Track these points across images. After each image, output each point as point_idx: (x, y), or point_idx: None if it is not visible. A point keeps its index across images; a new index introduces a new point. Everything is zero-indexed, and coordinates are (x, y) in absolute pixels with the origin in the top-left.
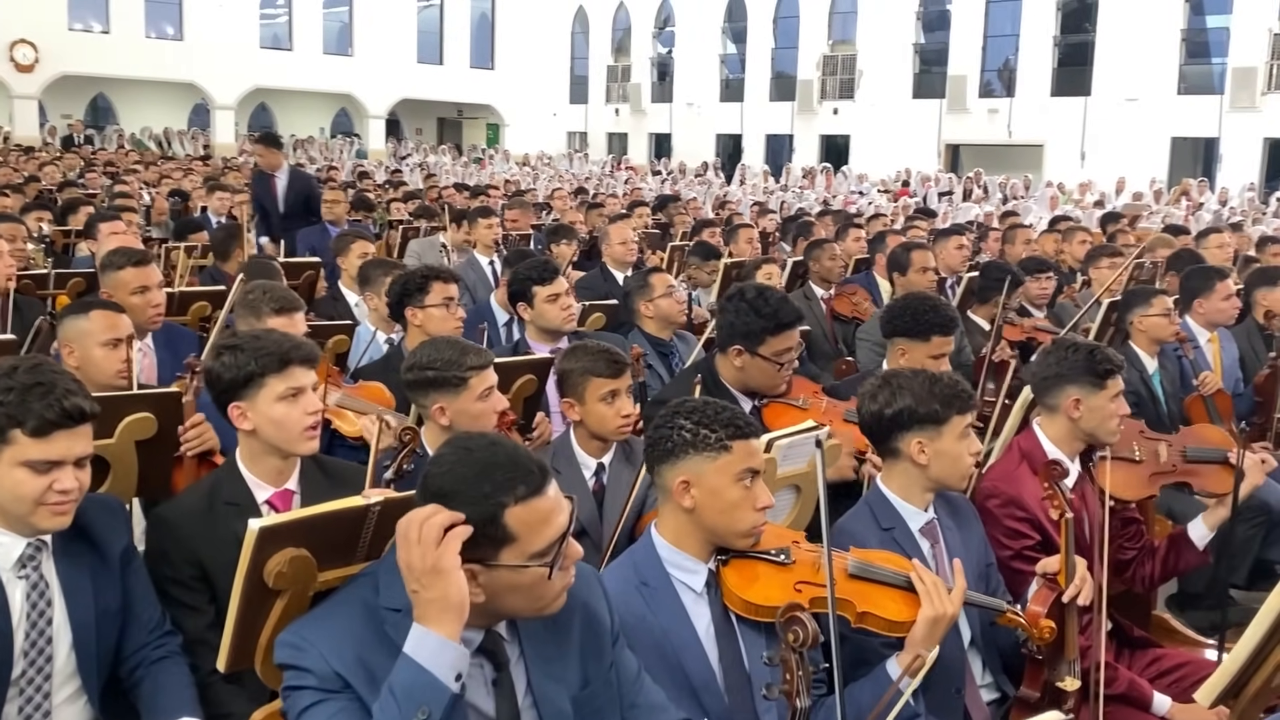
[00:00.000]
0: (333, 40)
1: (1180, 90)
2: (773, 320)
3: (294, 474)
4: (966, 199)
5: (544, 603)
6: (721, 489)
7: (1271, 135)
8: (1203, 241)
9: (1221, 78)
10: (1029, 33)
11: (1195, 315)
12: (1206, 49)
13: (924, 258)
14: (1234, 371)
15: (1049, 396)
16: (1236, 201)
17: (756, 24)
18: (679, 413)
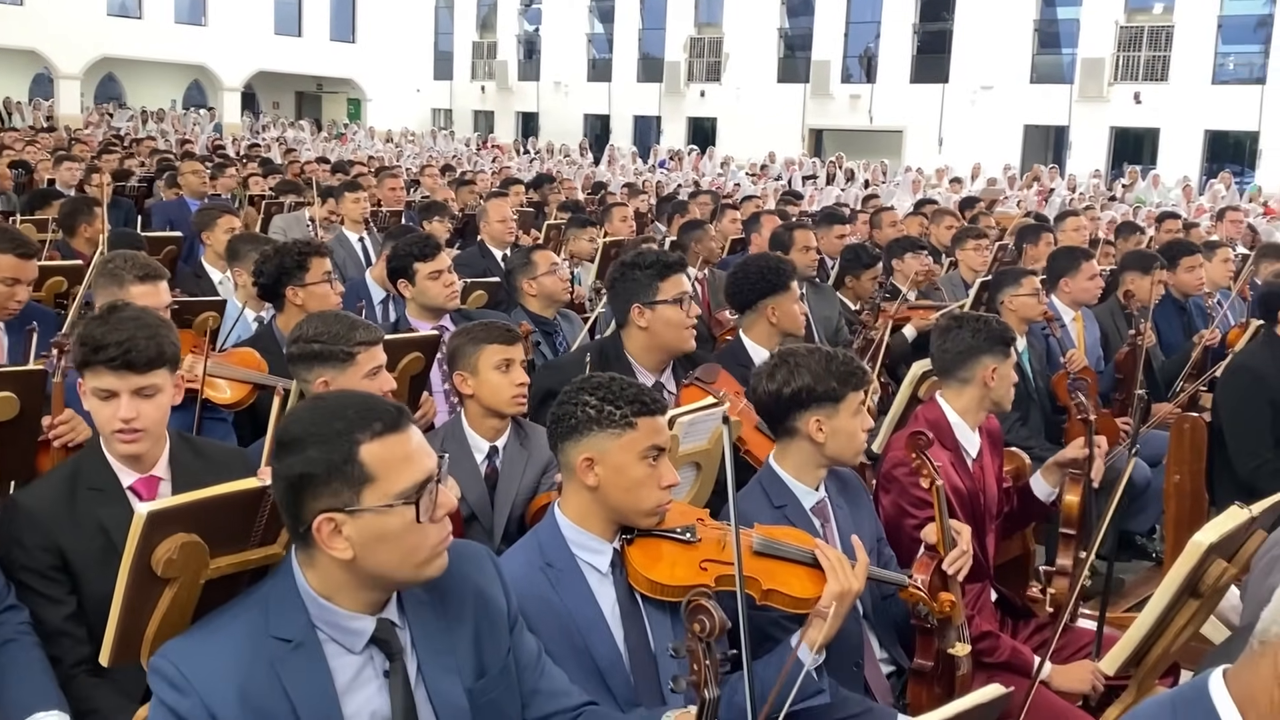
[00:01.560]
0: (185, 9)
1: (1033, 79)
2: (657, 266)
3: (163, 457)
4: (829, 183)
5: (420, 557)
6: (626, 467)
7: (1118, 124)
8: (1061, 224)
9: (1071, 68)
10: (889, 21)
11: (1061, 295)
12: (1057, 40)
13: (806, 237)
14: (1096, 350)
15: (962, 370)
16: (1084, 187)
17: (624, 4)
18: (584, 389)
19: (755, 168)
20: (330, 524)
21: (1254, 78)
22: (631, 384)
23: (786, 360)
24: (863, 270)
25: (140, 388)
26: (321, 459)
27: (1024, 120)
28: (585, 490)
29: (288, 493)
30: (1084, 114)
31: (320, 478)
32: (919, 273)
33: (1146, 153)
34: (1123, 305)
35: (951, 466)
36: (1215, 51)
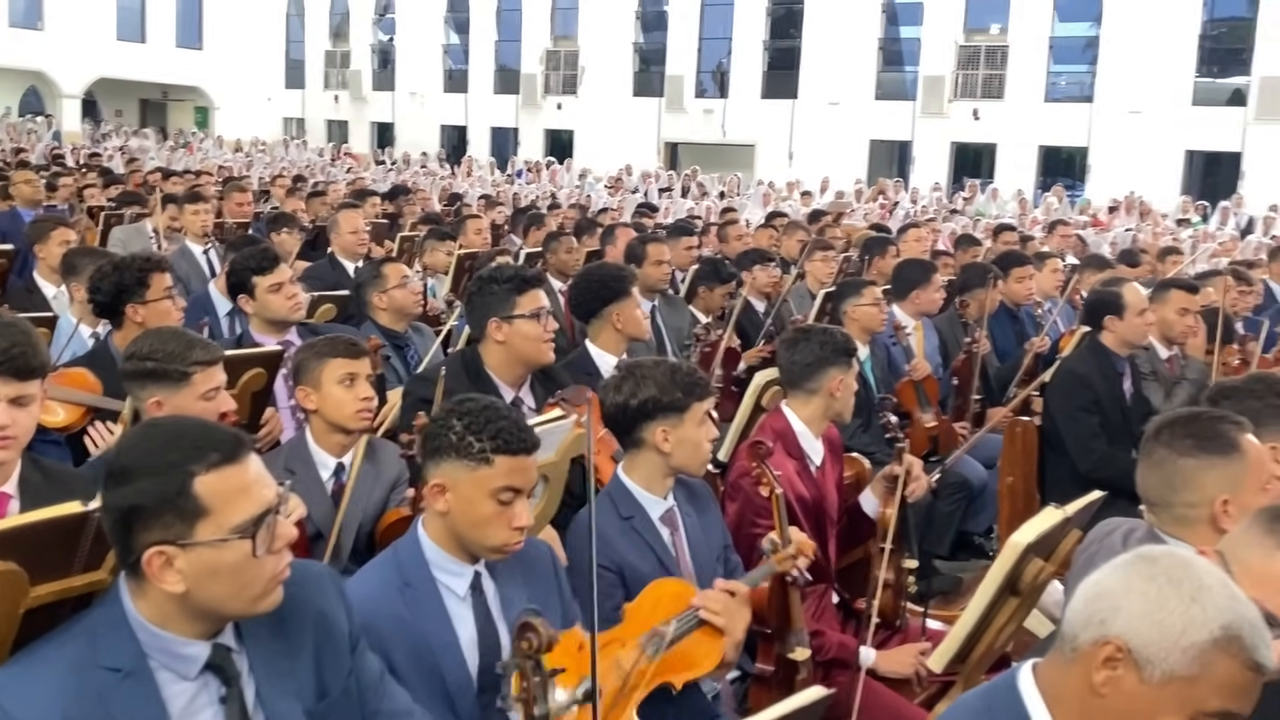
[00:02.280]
0: (20, 12)
1: (878, 95)
2: (515, 280)
3: (12, 478)
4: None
5: (254, 591)
6: (475, 501)
7: (958, 139)
8: (903, 236)
9: (914, 85)
10: (740, 37)
11: (908, 305)
12: (900, 58)
13: (659, 251)
14: (935, 357)
15: (810, 381)
16: (927, 200)
17: (479, 15)
18: (455, 412)
19: (612, 180)
20: (161, 557)
21: (1083, 96)
22: (505, 417)
23: (633, 372)
24: (717, 284)
25: (18, 396)
26: (153, 491)
27: (870, 135)
28: (437, 514)
29: (117, 524)
30: (926, 129)
31: (151, 510)
32: (766, 284)
33: (985, 167)
34: (960, 314)
35: (795, 475)
36: (1047, 71)
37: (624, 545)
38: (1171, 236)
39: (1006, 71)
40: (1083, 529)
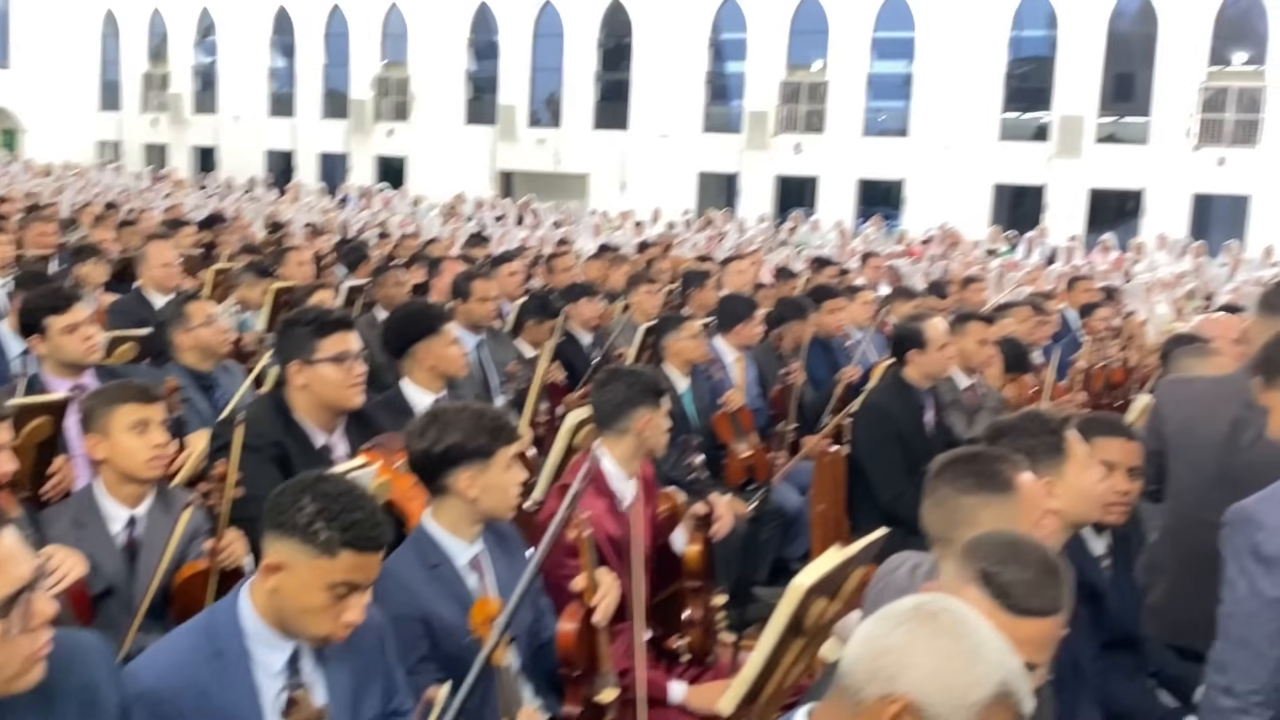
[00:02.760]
0: None
1: (706, 128)
2: (318, 323)
3: None
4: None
5: (9, 672)
6: (309, 589)
7: (782, 172)
8: (726, 268)
9: (740, 118)
10: (571, 68)
11: (732, 337)
12: (726, 92)
13: (485, 288)
14: (754, 388)
15: (619, 421)
16: (754, 231)
17: (305, 38)
18: (310, 490)
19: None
20: None
21: (899, 130)
22: (361, 508)
23: (437, 418)
24: (544, 318)
25: None
26: None
27: (699, 167)
28: (265, 588)
29: None
30: (752, 162)
31: None
32: (592, 317)
33: (808, 198)
34: (775, 346)
35: (605, 514)
36: (865, 106)
37: (429, 594)
38: (981, 265)
39: (827, 107)
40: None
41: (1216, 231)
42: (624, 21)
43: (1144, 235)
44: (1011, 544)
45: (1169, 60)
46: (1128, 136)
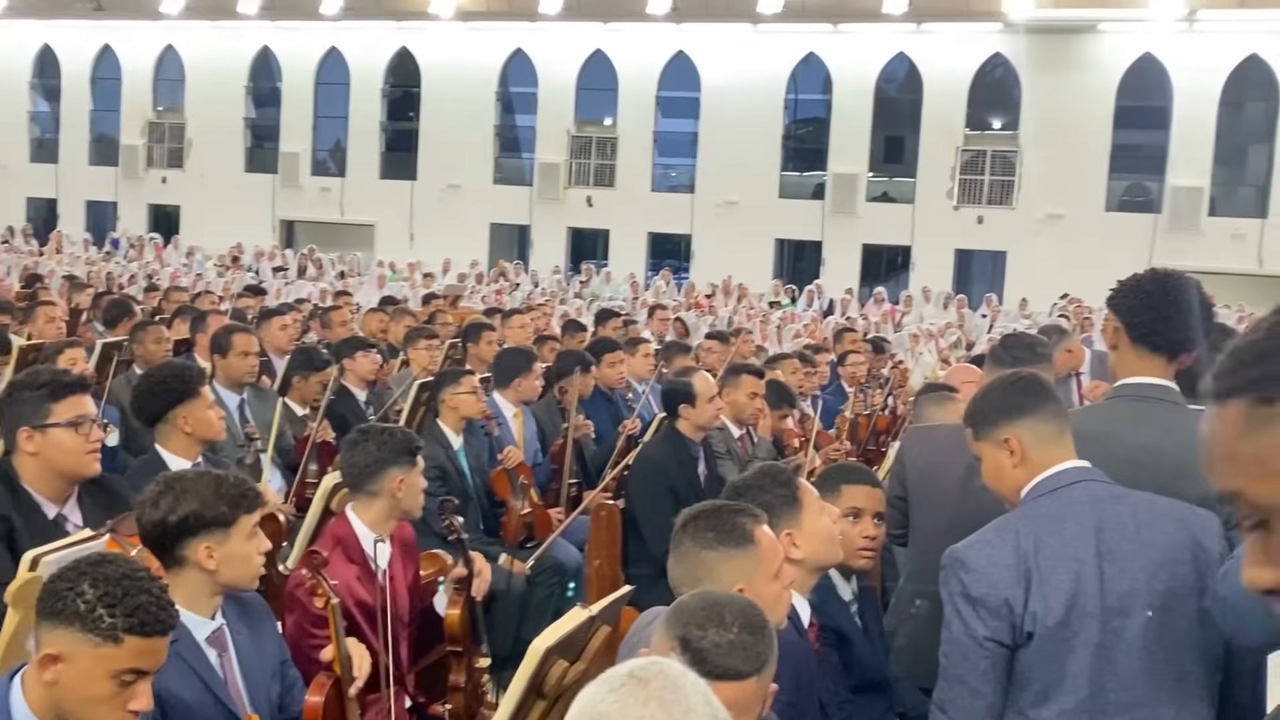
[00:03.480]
0: None
1: (496, 180)
2: (51, 385)
3: None
4: (301, 275)
5: None
6: (92, 680)
7: (574, 224)
8: (508, 322)
9: (531, 171)
10: (357, 117)
11: (509, 392)
12: (517, 144)
13: (246, 342)
14: (534, 443)
15: (371, 483)
16: (547, 283)
17: (71, 82)
18: (87, 574)
19: (225, 258)
20: None
21: (687, 186)
22: (146, 591)
23: (172, 486)
24: (311, 373)
25: None
26: None
27: (490, 219)
28: (45, 683)
29: None
30: (544, 214)
31: None
32: (369, 372)
33: (600, 250)
34: (558, 400)
35: (357, 580)
36: (653, 162)
37: (166, 672)
38: (763, 317)
39: (617, 162)
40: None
41: (977, 285)
42: (412, 71)
43: (912, 288)
44: (713, 606)
45: (932, 124)
46: (897, 195)
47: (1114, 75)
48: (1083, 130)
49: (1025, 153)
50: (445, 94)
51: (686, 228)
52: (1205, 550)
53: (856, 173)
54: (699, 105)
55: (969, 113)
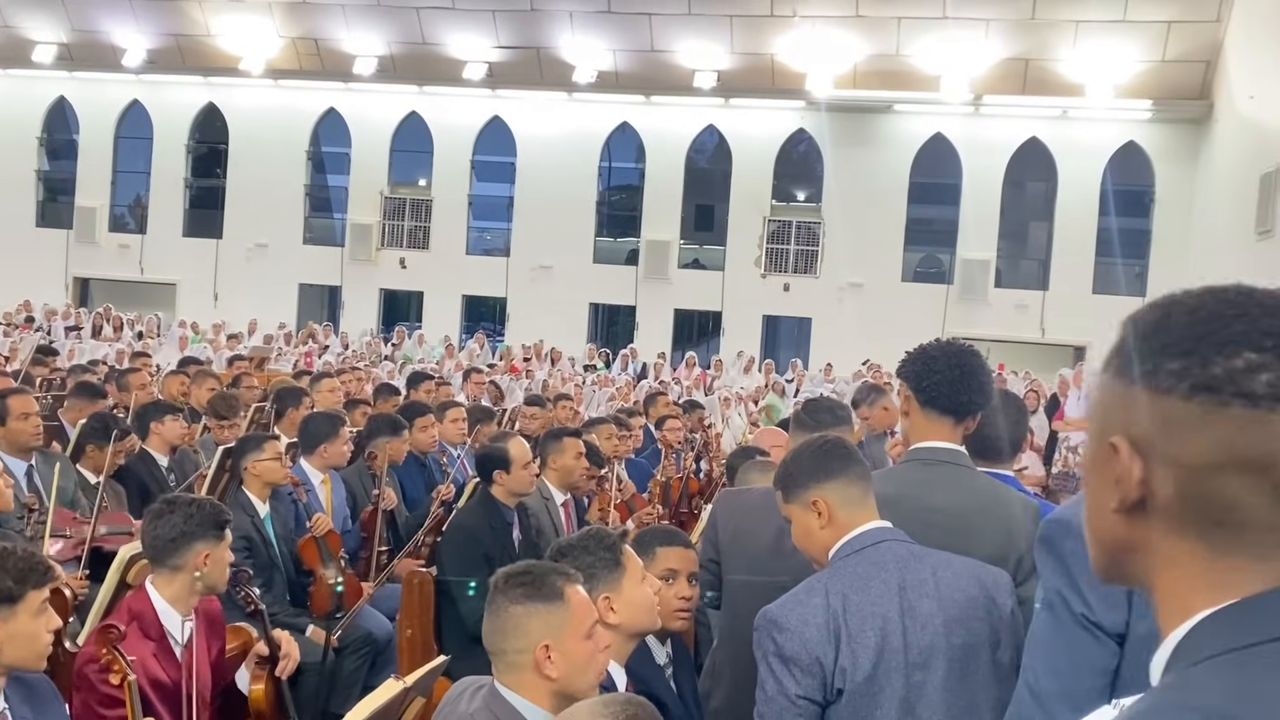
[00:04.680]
0: None
1: (306, 240)
2: None
3: None
4: (96, 335)
5: None
6: None
7: (386, 286)
8: (317, 386)
9: (343, 231)
10: (160, 172)
11: (315, 459)
12: (329, 205)
13: (25, 404)
14: (344, 510)
15: (174, 556)
16: (358, 345)
17: None
18: None
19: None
20: None
21: (502, 250)
22: None
23: None
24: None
25: None
26: None
27: (299, 279)
28: None
29: None
30: (355, 275)
31: None
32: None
33: (414, 312)
34: (368, 465)
35: (154, 657)
36: (469, 225)
37: None
38: (577, 381)
39: (432, 224)
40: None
41: (784, 350)
42: (219, 127)
43: (723, 353)
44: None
45: (741, 195)
46: (708, 262)
47: (909, 153)
48: (881, 204)
49: (828, 224)
50: (254, 151)
51: (502, 291)
52: (998, 606)
53: (669, 240)
54: (515, 170)
55: (775, 184)
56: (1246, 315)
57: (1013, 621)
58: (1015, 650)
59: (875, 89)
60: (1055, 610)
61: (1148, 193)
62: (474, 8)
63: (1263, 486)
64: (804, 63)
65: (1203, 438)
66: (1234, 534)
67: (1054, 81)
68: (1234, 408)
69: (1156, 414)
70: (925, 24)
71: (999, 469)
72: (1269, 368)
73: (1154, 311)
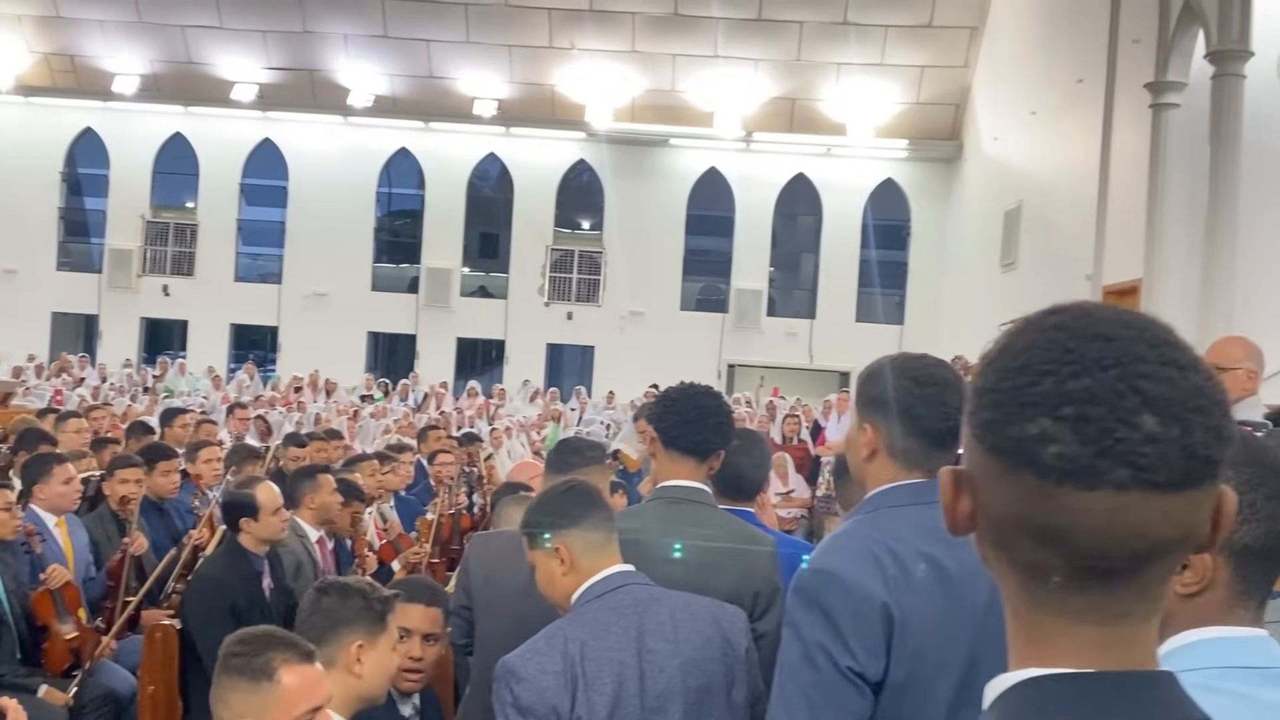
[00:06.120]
0: None
1: (60, 266)
2: None
3: None
4: None
5: None
6: None
7: (148, 314)
8: (62, 426)
9: (101, 257)
10: None
11: (39, 502)
12: (86, 229)
13: None
14: (86, 556)
15: None
16: (116, 377)
17: None
18: None
19: None
20: None
21: (274, 277)
22: None
23: None
24: None
25: None
26: None
27: (52, 307)
28: None
29: None
30: (115, 303)
31: None
32: None
33: (178, 342)
34: (115, 511)
35: None
36: (238, 251)
37: None
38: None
39: (198, 249)
40: None
41: (568, 378)
42: None
43: (506, 381)
44: None
45: (524, 223)
46: (493, 290)
47: (685, 185)
48: (660, 234)
49: (610, 253)
50: (2, 173)
51: (274, 319)
52: (734, 647)
53: (450, 267)
54: (287, 194)
55: (558, 213)
56: (1056, 374)
57: (748, 660)
58: (750, 689)
59: (652, 123)
60: (817, 663)
61: (904, 227)
62: (243, 27)
63: (1059, 554)
64: (583, 94)
65: (1000, 496)
66: (1045, 590)
67: (819, 120)
68: (1025, 475)
69: (974, 458)
70: (698, 61)
71: (741, 506)
72: (1061, 439)
73: (995, 345)
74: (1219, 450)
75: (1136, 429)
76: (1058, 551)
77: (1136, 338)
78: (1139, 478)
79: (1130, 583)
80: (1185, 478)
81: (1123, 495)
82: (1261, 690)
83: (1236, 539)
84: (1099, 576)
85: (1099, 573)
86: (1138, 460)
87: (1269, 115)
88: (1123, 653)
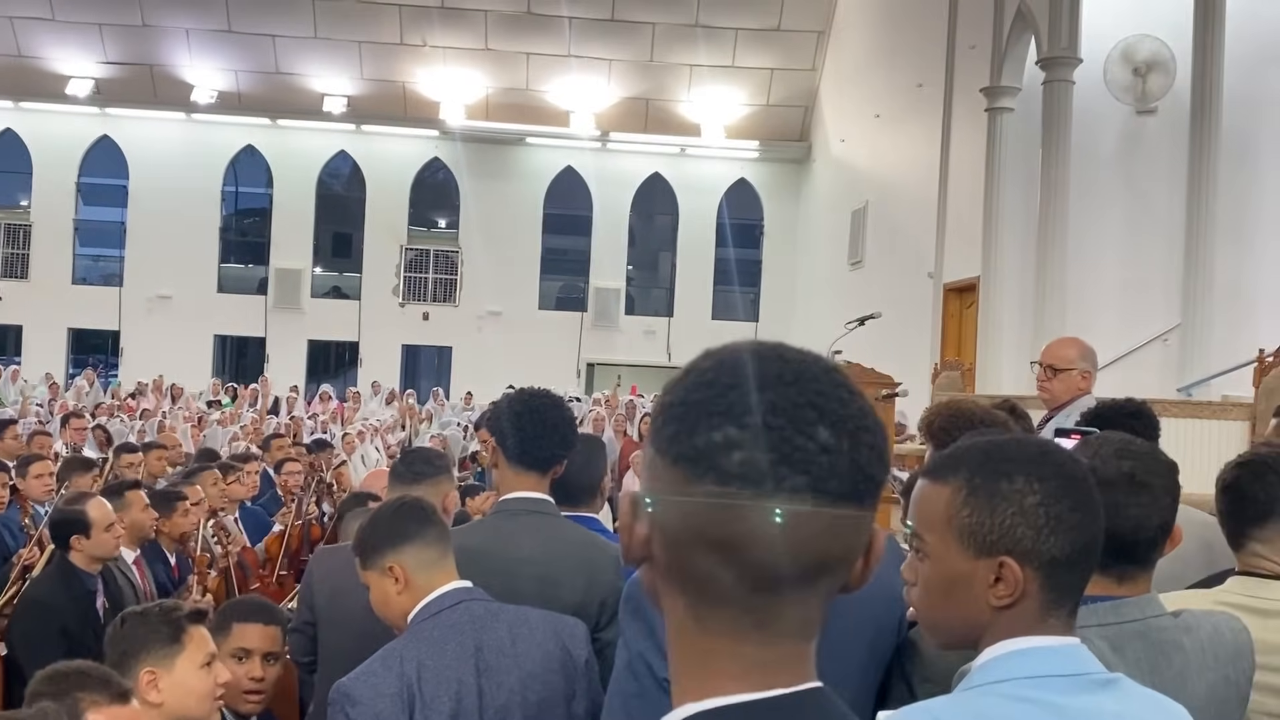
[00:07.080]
0: None
1: None
2: None
3: None
4: None
5: None
6: None
7: None
8: None
9: None
10: None
11: None
12: None
13: None
14: None
15: None
16: None
17: None
18: None
19: None
20: None
21: (114, 279)
22: None
23: None
24: None
25: None
26: None
27: None
28: None
29: None
30: None
31: None
32: None
33: (11, 348)
34: None
35: None
36: (75, 253)
37: None
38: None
39: (31, 251)
40: None
41: (425, 379)
42: None
43: (360, 384)
44: None
45: (377, 222)
46: (346, 291)
47: (542, 184)
48: (517, 233)
49: (466, 253)
50: None
51: (114, 323)
52: (574, 659)
53: (300, 268)
54: (127, 193)
55: (412, 212)
56: (740, 388)
57: (588, 671)
58: (591, 700)
59: (508, 121)
60: (638, 674)
61: (758, 226)
62: (78, 20)
63: (733, 567)
64: (436, 92)
65: (680, 510)
66: (713, 610)
67: (673, 121)
68: (707, 482)
69: (657, 475)
70: (552, 61)
71: (583, 512)
72: (744, 445)
73: (680, 371)
74: (879, 471)
75: (813, 439)
76: (732, 564)
77: (813, 363)
78: (813, 485)
79: (796, 601)
80: (853, 490)
81: (797, 502)
82: (1072, 698)
83: (1044, 550)
84: (768, 589)
85: (769, 585)
86: (812, 469)
87: (1097, 120)
88: (785, 673)
